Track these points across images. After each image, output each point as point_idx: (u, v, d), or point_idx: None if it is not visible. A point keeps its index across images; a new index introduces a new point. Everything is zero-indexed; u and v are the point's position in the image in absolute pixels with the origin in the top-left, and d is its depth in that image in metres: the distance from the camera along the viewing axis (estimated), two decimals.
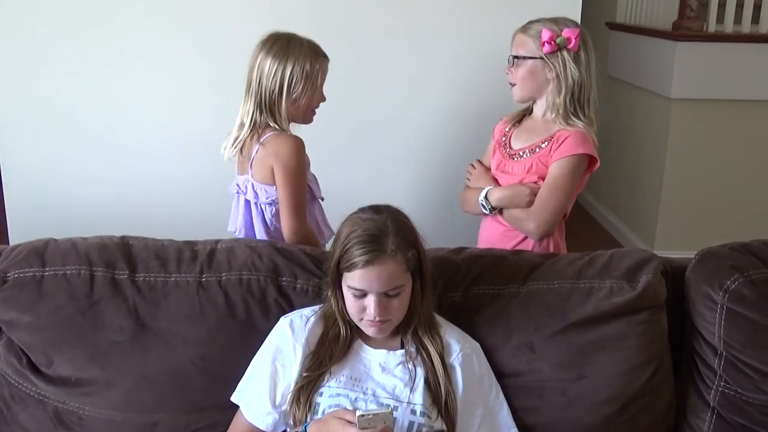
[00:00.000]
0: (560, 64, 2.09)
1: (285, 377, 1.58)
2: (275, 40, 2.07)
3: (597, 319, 1.70)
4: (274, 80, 2.04)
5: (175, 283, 1.71)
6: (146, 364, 1.67)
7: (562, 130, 2.10)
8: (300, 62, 2.04)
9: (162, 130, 3.06)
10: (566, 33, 2.08)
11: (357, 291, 1.53)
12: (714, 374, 1.73)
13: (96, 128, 3.06)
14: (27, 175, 3.09)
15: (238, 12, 2.98)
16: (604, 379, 1.68)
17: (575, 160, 2.09)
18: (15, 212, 3.11)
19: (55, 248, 1.74)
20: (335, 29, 2.98)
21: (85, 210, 3.06)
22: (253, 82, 2.07)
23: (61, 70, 3.01)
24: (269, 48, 2.06)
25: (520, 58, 2.13)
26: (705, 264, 1.78)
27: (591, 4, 4.20)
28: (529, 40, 2.12)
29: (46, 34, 2.97)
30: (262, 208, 2.13)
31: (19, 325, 1.68)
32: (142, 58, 3.01)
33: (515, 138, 2.22)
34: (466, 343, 1.65)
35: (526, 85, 2.15)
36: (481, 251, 1.89)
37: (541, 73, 2.12)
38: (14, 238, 3.04)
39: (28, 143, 3.06)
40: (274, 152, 2.05)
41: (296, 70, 2.04)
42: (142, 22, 2.99)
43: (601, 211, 4.93)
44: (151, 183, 3.08)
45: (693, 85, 3.90)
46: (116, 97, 3.04)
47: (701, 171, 4.03)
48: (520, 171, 2.15)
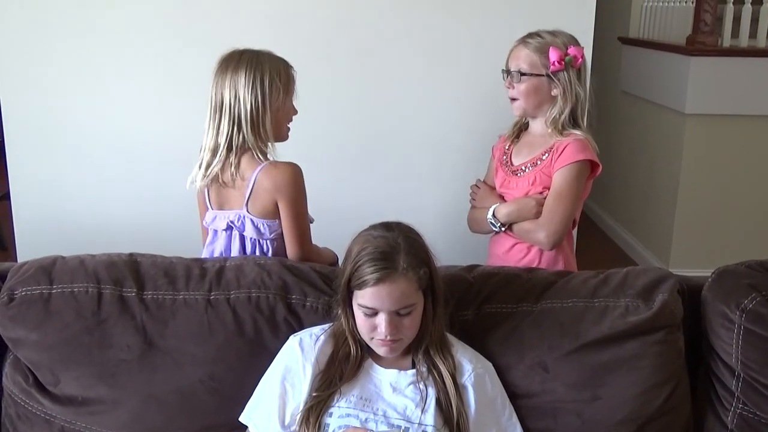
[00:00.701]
0: (566, 82, 2.10)
1: (294, 397, 1.56)
2: (240, 55, 1.97)
3: (612, 338, 1.67)
4: (253, 94, 1.90)
5: (184, 301, 1.69)
6: (154, 383, 1.65)
7: (560, 140, 2.12)
8: (275, 70, 1.95)
9: (172, 147, 3.06)
10: (572, 51, 2.10)
11: (368, 309, 1.51)
12: (732, 396, 1.70)
13: (105, 144, 3.06)
14: (36, 192, 3.09)
15: (246, 25, 2.98)
16: (620, 400, 1.65)
17: (578, 167, 2.09)
18: (23, 229, 3.11)
19: (62, 266, 1.73)
20: (343, 43, 2.98)
21: (94, 226, 3.06)
22: (226, 101, 1.92)
23: (69, 87, 3.01)
24: (237, 63, 1.94)
25: (525, 74, 2.12)
26: (721, 283, 1.75)
27: (604, 18, 4.19)
28: (533, 56, 2.11)
29: (55, 49, 2.98)
30: (262, 244, 2.01)
31: (26, 344, 1.66)
32: (151, 75, 3.02)
33: (516, 154, 2.23)
34: (478, 362, 1.63)
35: (530, 101, 2.15)
36: (493, 269, 1.87)
37: (546, 90, 2.12)
38: (22, 255, 3.04)
39: (36, 160, 3.06)
40: (275, 185, 1.92)
41: (274, 79, 1.93)
42: (150, 37, 2.99)
43: (614, 227, 4.90)
44: (161, 199, 3.07)
45: (707, 100, 3.87)
46: (126, 114, 3.05)
47: (716, 187, 4.00)
48: (525, 186, 2.16)
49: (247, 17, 2.99)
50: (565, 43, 2.11)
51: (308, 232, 2.02)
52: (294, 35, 2.97)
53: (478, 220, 2.25)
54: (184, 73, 3.02)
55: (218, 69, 1.97)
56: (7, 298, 1.68)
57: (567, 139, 2.11)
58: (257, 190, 1.94)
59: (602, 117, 4.84)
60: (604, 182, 5.02)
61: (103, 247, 1.87)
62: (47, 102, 3.03)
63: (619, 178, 4.85)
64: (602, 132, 5.01)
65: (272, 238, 1.99)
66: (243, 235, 2.00)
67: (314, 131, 2.88)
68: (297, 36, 2.98)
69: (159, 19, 2.99)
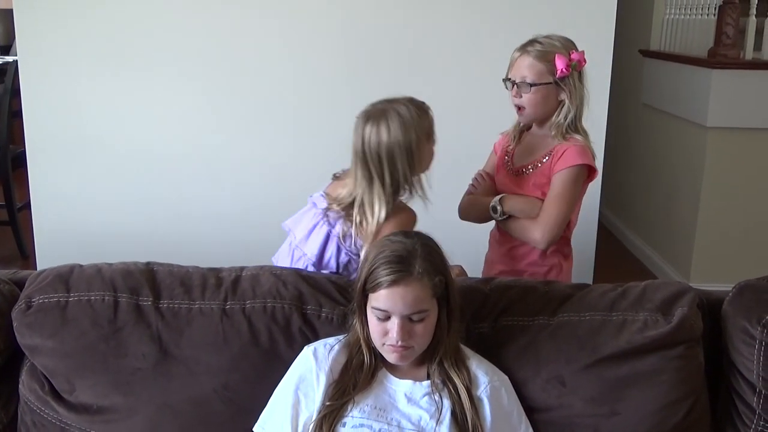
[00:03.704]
0: (572, 85, 2.14)
1: (307, 407, 1.55)
2: (386, 117, 1.91)
3: (630, 353, 1.65)
4: (402, 159, 1.89)
5: (199, 311, 1.69)
6: (169, 392, 1.65)
7: (560, 144, 2.15)
8: (421, 129, 1.92)
9: (191, 159, 3.08)
10: (575, 56, 2.13)
11: (381, 312, 1.51)
12: (752, 413, 1.67)
13: (123, 155, 3.09)
14: (55, 202, 3.12)
15: (269, 40, 3.00)
16: (638, 416, 1.63)
17: (576, 171, 2.13)
18: (43, 237, 3.13)
19: (80, 274, 1.74)
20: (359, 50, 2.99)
21: (113, 236, 3.08)
22: (379, 166, 1.90)
23: (90, 99, 3.05)
24: (387, 126, 1.89)
25: (534, 84, 2.13)
26: (743, 297, 1.72)
27: (625, 31, 4.17)
28: (540, 65, 2.13)
29: (73, 62, 3.01)
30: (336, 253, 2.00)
31: (42, 351, 1.67)
32: (169, 86, 3.04)
33: (517, 156, 2.27)
34: (494, 375, 1.61)
35: (539, 109, 2.17)
36: (510, 281, 1.85)
37: (554, 96, 2.16)
38: (42, 263, 3.06)
39: (57, 170, 3.09)
40: (388, 227, 1.89)
41: (422, 138, 1.91)
42: (171, 50, 3.02)
43: (634, 241, 4.86)
44: (178, 209, 3.09)
45: (729, 113, 3.84)
46: (145, 126, 3.07)
47: (738, 201, 3.95)
48: (525, 187, 2.20)
49: (274, 34, 3.01)
50: (566, 47, 2.14)
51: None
52: (324, 48, 2.99)
53: (476, 205, 2.28)
54: (204, 87, 3.04)
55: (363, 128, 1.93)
56: (24, 306, 1.68)
57: (567, 143, 2.14)
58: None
59: (623, 130, 4.85)
60: (624, 195, 5.01)
61: (120, 256, 1.88)
62: (68, 114, 3.07)
63: (639, 191, 4.82)
64: (623, 145, 5.02)
65: (341, 262, 1.98)
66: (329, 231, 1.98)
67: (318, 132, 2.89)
68: (311, 46, 3.00)
69: (180, 33, 3.02)
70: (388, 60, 3.07)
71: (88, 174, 3.10)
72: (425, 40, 3.05)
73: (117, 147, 3.09)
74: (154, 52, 3.02)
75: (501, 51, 2.99)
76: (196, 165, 3.10)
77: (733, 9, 3.86)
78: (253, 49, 3.02)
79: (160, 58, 3.03)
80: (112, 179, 3.10)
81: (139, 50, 3.02)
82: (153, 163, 3.10)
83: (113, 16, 3.00)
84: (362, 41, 3.08)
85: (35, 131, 3.07)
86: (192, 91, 3.04)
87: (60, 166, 3.09)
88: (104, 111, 3.06)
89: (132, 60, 3.03)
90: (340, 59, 3.07)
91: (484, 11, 3.07)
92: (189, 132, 3.06)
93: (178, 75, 3.05)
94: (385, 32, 3.07)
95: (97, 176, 3.10)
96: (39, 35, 2.99)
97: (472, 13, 3.06)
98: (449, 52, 3.07)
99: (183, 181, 3.10)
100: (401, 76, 3.04)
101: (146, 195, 3.11)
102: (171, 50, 3.03)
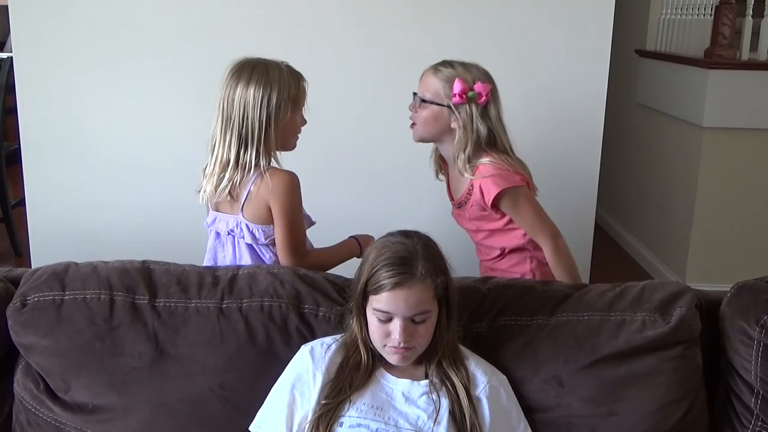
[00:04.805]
0: (467, 117, 2.07)
1: (303, 406, 1.54)
2: (252, 69, 1.94)
3: (629, 353, 1.64)
4: (261, 113, 1.90)
5: (196, 309, 1.68)
6: (164, 392, 1.64)
7: (473, 180, 2.10)
8: (285, 87, 1.93)
9: (186, 155, 3.05)
10: (478, 88, 2.07)
11: (382, 314, 1.50)
12: (750, 413, 1.67)
13: (119, 152, 3.07)
14: (50, 199, 3.10)
15: (266, 39, 2.99)
16: (636, 417, 1.62)
17: (510, 195, 2.10)
18: (38, 235, 3.12)
19: (75, 272, 1.73)
20: (359, 50, 2.98)
21: (108, 233, 3.06)
22: (235, 117, 1.92)
23: (85, 95, 3.03)
24: (249, 78, 1.92)
25: (426, 101, 2.11)
26: (741, 298, 1.72)
27: (621, 31, 4.17)
28: (438, 85, 2.10)
29: (68, 59, 2.99)
30: (257, 249, 2.02)
31: (37, 350, 1.66)
32: (165, 83, 3.03)
33: (453, 189, 2.25)
34: (492, 375, 1.61)
35: (428, 129, 2.14)
36: (508, 281, 1.85)
37: (446, 120, 2.11)
38: (36, 261, 3.05)
39: (51, 167, 3.08)
40: (269, 190, 1.93)
41: (283, 97, 1.92)
42: (166, 46, 3.00)
43: (630, 241, 4.86)
44: (175, 207, 3.07)
45: (725, 113, 3.84)
46: (140, 122, 3.06)
47: (733, 201, 3.96)
48: (467, 219, 2.20)
49: (267, 39, 3.00)
50: (474, 78, 2.08)
51: (303, 243, 2.01)
52: (303, 44, 2.99)
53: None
54: (199, 82, 3.02)
55: (230, 77, 1.96)
56: (19, 304, 1.67)
57: (478, 175, 2.08)
58: (252, 194, 1.95)
59: (619, 130, 4.84)
60: (620, 195, 5.01)
61: (116, 254, 1.87)
62: (63, 111, 3.05)
63: (635, 192, 4.82)
64: (618, 145, 5.02)
65: (266, 243, 2.00)
66: (246, 242, 2.01)
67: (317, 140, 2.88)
68: (306, 44, 2.99)
69: (175, 29, 3.01)
70: (389, 60, 3.06)
71: (83, 171, 3.08)
72: (425, 40, 3.04)
73: (112, 144, 3.07)
74: (149, 49, 3.01)
75: (498, 51, 3.01)
76: (193, 162, 3.09)
77: (729, 9, 3.86)
78: (250, 48, 3.00)
79: (156, 55, 3.02)
80: (108, 176, 3.09)
81: (134, 47, 3.01)
82: (149, 160, 3.08)
83: (109, 13, 2.98)
84: (362, 41, 3.06)
85: (30, 128, 3.05)
86: (188, 89, 3.03)
87: (55, 164, 3.08)
88: (100, 108, 3.04)
89: (127, 57, 3.01)
90: (340, 59, 3.06)
91: (483, 11, 3.05)
92: (185, 129, 3.04)
93: (174, 72, 3.03)
94: (384, 32, 3.05)
95: (92, 173, 3.08)
96: (34, 32, 2.97)
97: (469, 13, 3.05)
98: (447, 52, 3.06)
99: (179, 178, 3.08)
100: (401, 76, 3.03)
101: (142, 192, 3.10)
102: (167, 48, 3.01)
